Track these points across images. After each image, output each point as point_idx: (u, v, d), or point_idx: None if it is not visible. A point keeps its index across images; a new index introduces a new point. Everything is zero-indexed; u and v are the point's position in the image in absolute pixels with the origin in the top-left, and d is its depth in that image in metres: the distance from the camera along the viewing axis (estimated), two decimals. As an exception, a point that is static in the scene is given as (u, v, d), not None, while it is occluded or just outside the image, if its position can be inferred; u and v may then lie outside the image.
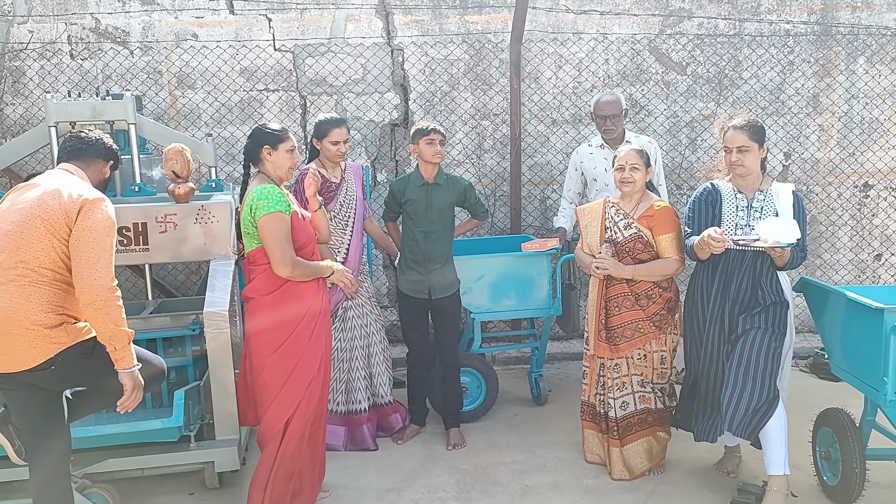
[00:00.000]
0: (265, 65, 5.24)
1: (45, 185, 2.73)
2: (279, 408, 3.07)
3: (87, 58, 5.19)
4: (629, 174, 3.47)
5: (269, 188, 3.06)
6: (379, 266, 5.45)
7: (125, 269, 5.17)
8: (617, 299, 3.50)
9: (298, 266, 3.05)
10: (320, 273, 3.18)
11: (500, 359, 5.27)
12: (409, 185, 3.93)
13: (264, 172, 3.16)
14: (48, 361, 2.63)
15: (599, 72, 5.37)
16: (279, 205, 3.02)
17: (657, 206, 3.50)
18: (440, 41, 5.28)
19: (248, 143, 3.18)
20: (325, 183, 3.89)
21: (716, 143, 5.47)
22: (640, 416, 3.54)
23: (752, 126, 3.22)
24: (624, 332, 3.49)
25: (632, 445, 3.55)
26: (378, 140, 5.37)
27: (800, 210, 3.18)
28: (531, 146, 5.41)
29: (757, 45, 5.40)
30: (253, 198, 3.04)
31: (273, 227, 3.00)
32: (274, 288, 3.07)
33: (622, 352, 3.49)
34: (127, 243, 3.58)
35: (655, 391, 3.56)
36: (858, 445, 3.15)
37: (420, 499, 3.46)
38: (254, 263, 3.11)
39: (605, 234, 3.54)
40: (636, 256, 3.48)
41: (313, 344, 3.11)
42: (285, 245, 3.02)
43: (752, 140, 3.19)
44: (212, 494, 3.51)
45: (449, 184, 3.96)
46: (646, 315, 3.48)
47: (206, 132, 5.19)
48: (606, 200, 3.63)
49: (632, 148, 3.54)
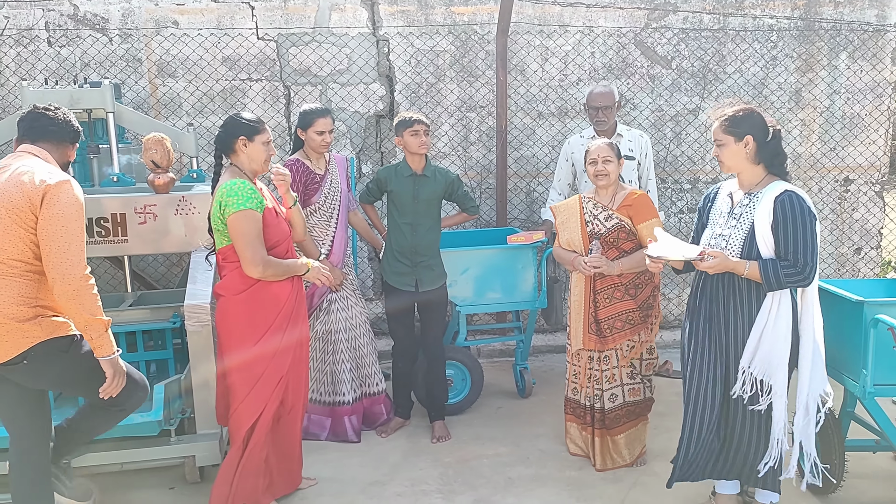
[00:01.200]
0: (248, 53, 5.18)
1: (7, 171, 2.61)
2: (248, 408, 3.01)
3: (65, 45, 5.09)
4: (603, 167, 3.47)
5: (239, 183, 2.92)
6: (364, 258, 5.42)
7: (104, 261, 5.10)
8: (607, 291, 3.50)
9: (270, 266, 2.93)
10: (294, 271, 3.06)
11: (486, 351, 5.26)
12: (396, 175, 3.90)
13: (237, 165, 3.03)
14: (20, 356, 2.57)
15: (585, 65, 5.36)
16: (250, 202, 2.89)
17: (634, 195, 3.52)
18: (426, 32, 5.25)
19: (222, 132, 3.03)
20: (309, 175, 3.85)
21: (700, 136, 5.50)
22: (629, 408, 3.57)
23: (729, 118, 2.81)
24: (614, 323, 3.49)
25: (620, 437, 3.58)
26: (363, 131, 5.32)
27: (784, 219, 2.70)
28: (517, 139, 5.40)
29: (741, 39, 5.42)
30: (222, 193, 2.91)
31: (243, 226, 2.87)
32: (245, 287, 2.96)
33: (611, 343, 3.50)
34: (105, 234, 3.53)
35: (644, 381, 3.58)
36: (837, 437, 3.18)
37: (403, 492, 3.45)
38: (225, 260, 3.00)
39: (586, 229, 3.54)
40: (620, 246, 3.49)
41: (285, 345, 3.04)
42: (256, 244, 2.89)
43: (725, 133, 2.80)
44: (192, 489, 3.47)
45: (437, 176, 3.92)
46: (636, 304, 3.49)
47: (188, 122, 5.11)
48: (581, 196, 3.62)
49: (602, 141, 3.56)
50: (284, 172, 3.16)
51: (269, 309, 2.99)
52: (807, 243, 2.68)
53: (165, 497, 3.43)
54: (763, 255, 2.74)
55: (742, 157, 2.81)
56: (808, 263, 2.68)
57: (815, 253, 2.69)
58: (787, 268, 2.69)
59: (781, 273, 2.69)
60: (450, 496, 3.41)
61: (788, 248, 2.70)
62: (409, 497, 3.40)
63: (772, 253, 2.74)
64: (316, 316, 3.90)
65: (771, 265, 2.70)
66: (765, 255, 2.74)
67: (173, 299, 3.77)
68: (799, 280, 2.70)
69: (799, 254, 2.68)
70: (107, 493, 3.39)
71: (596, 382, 3.56)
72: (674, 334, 5.55)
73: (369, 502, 3.36)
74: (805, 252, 2.68)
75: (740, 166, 2.83)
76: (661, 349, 5.39)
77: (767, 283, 2.71)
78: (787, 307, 2.77)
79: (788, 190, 2.73)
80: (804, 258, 2.68)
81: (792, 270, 2.69)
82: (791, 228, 2.69)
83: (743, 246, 2.79)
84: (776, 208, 2.71)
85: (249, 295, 2.96)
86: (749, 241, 2.78)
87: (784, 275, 2.69)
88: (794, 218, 2.69)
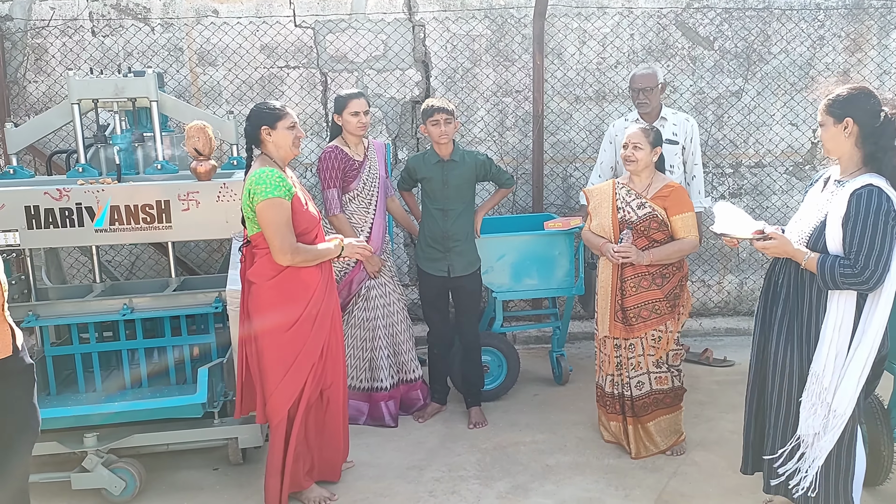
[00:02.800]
0: (286, 41, 5.20)
1: None
2: (283, 393, 3.05)
3: (109, 34, 5.18)
4: (631, 152, 3.44)
5: (267, 171, 2.95)
6: (399, 244, 5.44)
7: (148, 247, 5.21)
8: (634, 279, 3.46)
9: (299, 253, 2.96)
10: (325, 256, 3.07)
11: (521, 338, 5.25)
12: (424, 163, 3.90)
13: (266, 153, 3.07)
14: None
15: (624, 47, 5.27)
16: (278, 189, 2.91)
17: (671, 186, 3.48)
18: (462, 17, 5.21)
19: (247, 124, 3.07)
20: (347, 161, 3.86)
21: (743, 119, 5.37)
22: (656, 397, 3.54)
23: (834, 98, 2.59)
24: (640, 312, 3.46)
25: (651, 424, 3.56)
26: (399, 117, 5.32)
27: (856, 215, 2.49)
28: (554, 123, 5.34)
29: (787, 18, 5.26)
30: (251, 182, 2.94)
31: (271, 214, 2.90)
32: (276, 273, 2.99)
33: (637, 332, 3.47)
34: (150, 221, 3.59)
35: (672, 371, 3.54)
36: (887, 427, 3.10)
37: (441, 477, 3.47)
38: (256, 247, 3.04)
39: (617, 215, 3.49)
40: (651, 236, 3.44)
41: (317, 330, 3.06)
42: (285, 232, 2.92)
43: (826, 113, 2.60)
44: (235, 470, 3.55)
45: (465, 159, 3.90)
46: (663, 294, 3.45)
47: (228, 109, 5.17)
48: (615, 181, 3.59)
49: (638, 126, 3.51)
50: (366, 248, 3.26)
51: (300, 295, 3.02)
52: (875, 245, 2.45)
53: (210, 478, 3.51)
54: (829, 249, 2.56)
55: (841, 141, 2.58)
56: (868, 267, 2.45)
57: (882, 257, 2.45)
58: (846, 267, 2.49)
59: (838, 271, 2.49)
60: (488, 482, 3.42)
61: (853, 247, 2.48)
62: (446, 482, 3.42)
63: (839, 249, 2.54)
64: (354, 302, 3.93)
65: (830, 261, 2.52)
66: (831, 249, 2.56)
67: (215, 284, 3.83)
68: (856, 283, 2.48)
69: (862, 254, 2.46)
70: (153, 473, 3.48)
71: (623, 370, 3.53)
72: (713, 322, 5.47)
73: (407, 486, 3.39)
74: (870, 254, 2.45)
75: (840, 150, 2.61)
76: (701, 337, 5.33)
77: (823, 279, 2.54)
78: (849, 312, 2.56)
79: (872, 185, 2.49)
80: (867, 260, 2.46)
81: (850, 271, 2.48)
82: (860, 226, 2.47)
83: (812, 234, 2.63)
84: (851, 202, 2.50)
85: (279, 281, 2.99)
86: (819, 231, 2.60)
87: (840, 274, 2.49)
88: (868, 215, 2.46)
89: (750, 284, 5.59)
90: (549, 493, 3.31)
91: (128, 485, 3.28)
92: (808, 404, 2.64)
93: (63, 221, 3.51)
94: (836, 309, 2.57)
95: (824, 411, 2.61)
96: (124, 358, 3.73)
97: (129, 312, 3.58)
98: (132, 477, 3.29)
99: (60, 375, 3.74)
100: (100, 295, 3.79)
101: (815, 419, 2.63)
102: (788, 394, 2.73)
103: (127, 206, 3.54)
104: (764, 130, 5.39)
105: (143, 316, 3.59)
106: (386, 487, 3.39)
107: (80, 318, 3.56)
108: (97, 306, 3.64)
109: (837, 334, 2.57)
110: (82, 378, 3.65)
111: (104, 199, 3.53)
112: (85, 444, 3.25)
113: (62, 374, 3.79)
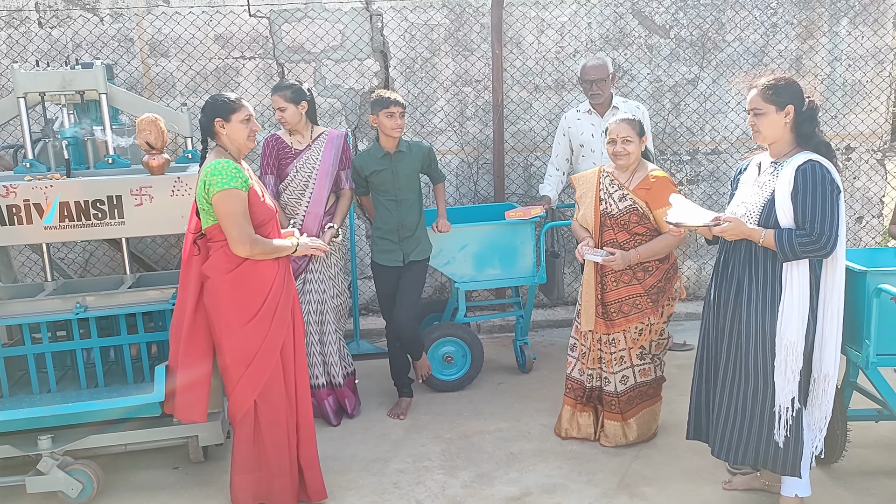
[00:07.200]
0: (240, 31, 5.11)
1: None
2: (245, 388, 2.99)
3: (56, 26, 5.03)
4: (622, 147, 3.34)
5: (223, 163, 2.89)
6: (362, 236, 5.40)
7: (103, 243, 5.09)
8: (615, 274, 3.40)
9: (257, 244, 2.91)
10: (282, 251, 3.03)
11: (486, 327, 5.27)
12: (370, 158, 3.87)
13: (221, 146, 3.01)
14: None
15: (582, 36, 5.29)
16: (234, 181, 2.86)
17: (653, 178, 3.36)
18: (420, 6, 5.17)
19: (201, 116, 3.02)
20: (282, 149, 3.87)
21: (699, 107, 5.45)
22: (641, 389, 3.52)
23: (772, 86, 2.74)
24: (621, 307, 3.41)
25: (634, 419, 3.53)
26: (358, 108, 5.27)
27: (804, 188, 2.64)
28: (514, 113, 5.35)
29: (740, 6, 5.34)
30: (206, 173, 2.88)
31: (228, 205, 2.85)
32: (233, 266, 2.93)
33: (617, 328, 3.43)
34: (102, 217, 3.50)
35: (655, 361, 3.53)
36: (840, 407, 3.18)
37: (406, 468, 3.47)
38: (212, 240, 2.97)
39: (599, 207, 3.43)
40: (631, 230, 3.37)
41: (277, 323, 3.01)
42: (242, 222, 2.87)
43: (766, 102, 2.73)
44: (196, 468, 3.49)
45: (412, 149, 3.89)
46: (644, 290, 3.40)
47: (182, 102, 5.07)
48: (601, 169, 3.50)
49: (623, 119, 3.38)
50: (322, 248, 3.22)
51: (258, 289, 2.97)
52: (825, 213, 2.61)
53: (170, 477, 3.45)
54: (781, 224, 2.69)
55: (780, 127, 2.73)
56: (824, 233, 2.61)
57: (834, 223, 2.62)
58: (803, 237, 2.63)
59: (796, 242, 2.63)
60: (452, 471, 3.43)
61: (806, 217, 2.64)
62: (411, 473, 3.42)
63: (791, 222, 2.68)
64: None
65: (787, 234, 2.65)
66: (783, 224, 2.69)
67: (172, 280, 3.75)
68: (815, 250, 2.63)
69: (816, 222, 2.62)
70: (112, 474, 3.41)
71: (605, 364, 3.50)
72: (685, 307, 5.54)
73: (372, 479, 3.38)
74: (823, 221, 2.61)
75: (777, 136, 2.75)
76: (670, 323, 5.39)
77: (783, 251, 2.66)
78: (804, 279, 2.71)
79: (813, 160, 2.67)
80: (821, 227, 2.61)
81: (807, 240, 2.62)
82: (810, 197, 2.63)
83: (761, 213, 2.74)
84: (797, 177, 2.66)
85: (236, 275, 2.94)
86: (768, 208, 2.72)
87: (799, 244, 2.63)
88: (815, 187, 2.63)
89: (708, 270, 5.68)
90: (513, 481, 3.33)
91: (85, 487, 3.20)
92: (785, 372, 2.74)
93: (11, 219, 3.41)
94: (792, 279, 2.71)
95: (798, 377, 2.74)
96: (79, 358, 3.63)
97: (83, 311, 3.48)
98: (89, 479, 3.21)
99: (13, 377, 3.64)
100: (52, 294, 3.68)
101: (794, 385, 2.75)
102: (745, 367, 2.82)
103: (77, 203, 3.45)
104: (720, 118, 5.47)
105: (96, 315, 3.50)
106: (351, 481, 3.37)
107: (31, 318, 3.46)
108: (49, 305, 3.54)
109: (798, 302, 2.71)
110: (35, 379, 3.55)
111: (53, 195, 3.43)
112: (39, 447, 3.17)
113: (15, 376, 3.68)
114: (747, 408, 2.85)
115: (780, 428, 2.79)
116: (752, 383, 2.83)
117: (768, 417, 2.81)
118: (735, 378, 2.88)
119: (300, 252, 3.13)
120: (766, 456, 2.84)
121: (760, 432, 2.83)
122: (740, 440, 2.87)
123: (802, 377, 2.76)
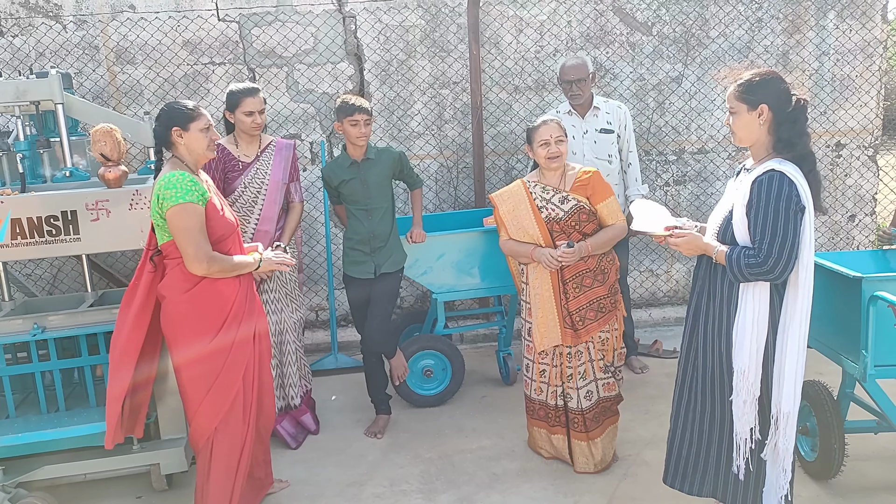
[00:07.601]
0: (209, 36, 4.93)
1: None
2: (207, 414, 2.82)
3: (18, 34, 4.84)
4: (556, 148, 3.20)
5: (178, 175, 2.72)
6: (339, 245, 5.22)
7: (70, 258, 4.90)
8: (576, 279, 3.25)
9: (215, 262, 2.73)
10: (243, 269, 2.85)
11: (469, 337, 5.09)
12: (338, 168, 3.69)
13: (178, 157, 2.84)
14: None
15: (562, 35, 5.13)
16: (190, 194, 2.68)
17: (585, 173, 3.28)
18: (394, 6, 5.00)
19: (156, 125, 2.84)
20: (229, 161, 3.61)
21: (684, 105, 5.30)
22: (604, 405, 3.35)
23: (745, 83, 2.45)
24: (587, 313, 3.26)
25: (601, 438, 3.34)
26: (333, 113, 5.09)
27: (757, 202, 2.37)
28: (493, 115, 5.18)
29: (724, 1, 5.19)
30: (160, 187, 2.71)
31: (183, 220, 2.67)
32: (190, 285, 2.76)
33: (584, 337, 3.27)
34: (56, 233, 3.31)
35: (616, 374, 3.37)
36: (837, 419, 3.02)
37: (382, 493, 3.29)
38: (168, 257, 2.80)
39: (541, 215, 3.26)
40: (582, 230, 3.24)
41: (238, 346, 2.84)
42: (199, 239, 2.69)
43: (738, 100, 2.45)
44: (160, 497, 3.31)
45: (381, 156, 3.71)
46: (606, 290, 3.28)
47: (146, 110, 4.88)
48: (525, 181, 3.35)
49: (550, 120, 3.26)
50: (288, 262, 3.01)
51: (217, 309, 2.79)
52: (777, 232, 2.32)
53: (132, 507, 3.27)
54: (738, 241, 2.44)
55: (754, 129, 2.43)
56: (772, 255, 2.32)
57: (786, 245, 2.31)
58: (751, 257, 2.35)
59: (743, 262, 2.36)
60: (431, 496, 3.25)
61: (756, 235, 2.36)
62: (387, 498, 3.24)
63: (747, 239, 2.41)
64: None
65: (736, 252, 2.39)
66: (740, 240, 2.43)
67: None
68: (760, 273, 2.35)
69: (765, 242, 2.33)
70: None
71: (568, 380, 3.31)
72: (663, 312, 5.40)
73: (346, 505, 3.21)
74: (773, 242, 2.32)
75: (752, 138, 2.46)
76: (651, 328, 5.25)
77: (731, 271, 2.40)
78: (762, 303, 2.42)
79: (775, 170, 2.36)
80: (769, 248, 2.32)
81: (754, 261, 2.34)
82: (762, 213, 2.34)
83: (720, 227, 2.52)
84: (752, 188, 2.36)
85: (194, 294, 2.76)
86: (727, 222, 2.48)
87: (746, 265, 2.36)
88: (769, 202, 2.33)
89: (698, 272, 5.53)
90: (495, 504, 3.16)
91: (41, 521, 3.02)
92: (739, 401, 2.49)
93: (-41, 237, 3.22)
94: (749, 302, 2.44)
95: (755, 406, 2.48)
96: (38, 381, 3.45)
97: (41, 332, 3.31)
98: (45, 512, 3.04)
99: (-31, 403, 3.45)
100: (9, 314, 3.51)
101: (750, 415, 2.48)
102: (703, 389, 2.62)
103: (29, 219, 3.26)
104: (706, 116, 5.32)
105: (56, 336, 3.32)
106: (324, 507, 3.20)
107: (-14, 341, 3.28)
108: (6, 326, 3.36)
109: (754, 328, 2.43)
110: (-8, 405, 3.37)
111: (3, 211, 3.24)
112: (-11, 480, 2.99)
113: (-29, 402, 3.49)
114: (703, 433, 2.62)
115: (739, 458, 2.53)
116: (710, 407, 2.60)
117: (727, 446, 2.57)
118: (692, 400, 2.65)
119: (264, 268, 2.95)
120: (725, 489, 2.60)
121: (718, 461, 2.60)
122: (696, 468, 2.64)
123: (763, 407, 2.50)
